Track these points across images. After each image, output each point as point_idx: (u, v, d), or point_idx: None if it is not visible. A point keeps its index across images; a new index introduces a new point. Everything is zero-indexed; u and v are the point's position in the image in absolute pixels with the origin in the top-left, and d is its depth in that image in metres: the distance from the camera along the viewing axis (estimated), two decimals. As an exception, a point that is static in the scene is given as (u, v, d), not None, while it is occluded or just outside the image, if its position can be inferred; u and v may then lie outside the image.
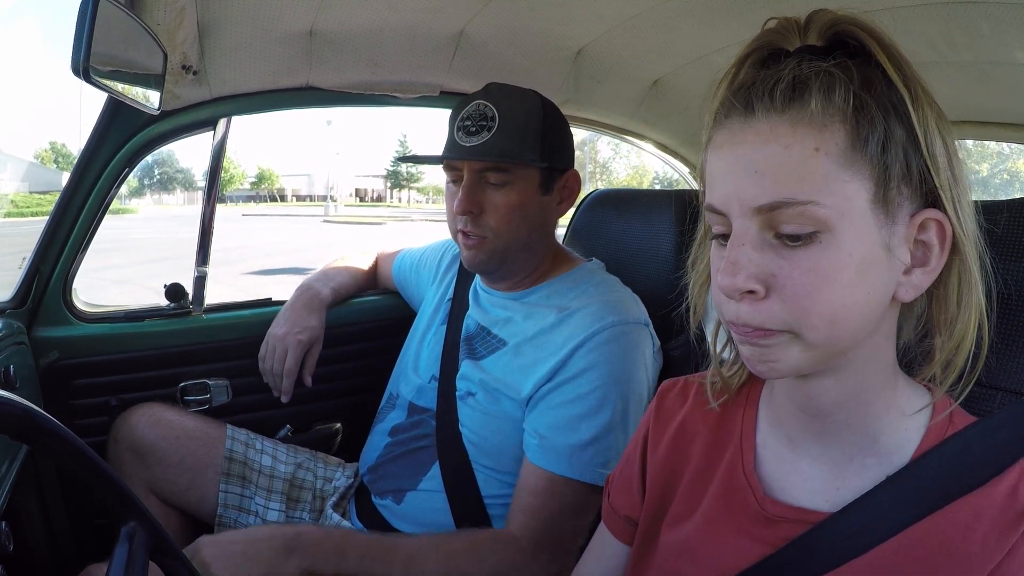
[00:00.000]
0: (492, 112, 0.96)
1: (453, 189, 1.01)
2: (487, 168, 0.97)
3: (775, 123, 0.44)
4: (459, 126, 0.98)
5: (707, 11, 1.14)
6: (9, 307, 1.17)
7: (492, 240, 0.98)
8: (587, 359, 0.91)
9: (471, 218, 0.98)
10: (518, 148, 0.97)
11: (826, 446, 0.52)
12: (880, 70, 0.45)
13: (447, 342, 1.07)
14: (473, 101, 0.99)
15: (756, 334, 0.46)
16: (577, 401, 0.90)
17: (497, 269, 1.03)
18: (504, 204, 0.97)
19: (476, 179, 0.97)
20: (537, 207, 1.01)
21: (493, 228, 0.98)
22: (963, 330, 0.47)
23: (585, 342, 0.91)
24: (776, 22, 0.50)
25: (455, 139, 0.97)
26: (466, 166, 0.97)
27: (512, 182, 0.98)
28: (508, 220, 0.98)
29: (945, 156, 0.45)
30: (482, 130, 0.95)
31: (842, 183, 0.43)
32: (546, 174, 1.01)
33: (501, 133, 0.95)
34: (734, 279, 0.45)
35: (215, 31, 1.08)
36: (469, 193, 0.97)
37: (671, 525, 0.60)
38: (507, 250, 1.00)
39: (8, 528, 0.83)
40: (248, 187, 66.06)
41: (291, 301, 1.28)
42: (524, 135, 0.97)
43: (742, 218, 0.46)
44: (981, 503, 0.46)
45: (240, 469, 1.15)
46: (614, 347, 0.91)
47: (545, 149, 1.00)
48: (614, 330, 0.92)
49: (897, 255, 0.46)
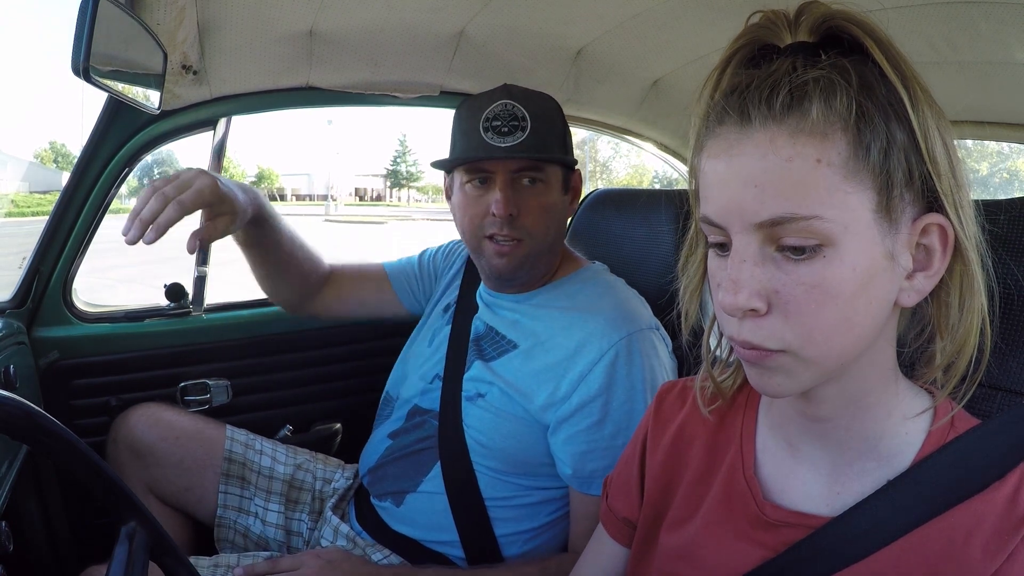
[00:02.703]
0: (522, 112, 0.95)
1: (475, 193, 0.97)
2: (523, 168, 0.95)
3: (774, 133, 0.42)
4: (487, 127, 0.94)
5: (707, 11, 1.14)
6: (9, 307, 1.17)
7: (528, 242, 0.96)
8: (606, 375, 0.89)
9: (509, 220, 0.95)
10: (550, 146, 0.97)
11: (826, 450, 0.52)
12: (877, 69, 0.44)
13: (452, 343, 1.06)
14: (497, 101, 0.96)
15: (756, 355, 0.46)
16: (605, 422, 0.89)
17: (526, 274, 1.00)
18: (539, 205, 0.96)
19: (511, 180, 0.95)
20: (561, 206, 1.01)
21: (529, 230, 0.96)
22: (966, 333, 0.46)
23: (601, 357, 0.90)
24: (762, 16, 0.48)
25: (485, 139, 0.94)
26: (501, 167, 0.95)
27: (544, 181, 0.97)
28: (543, 221, 0.97)
29: (946, 158, 0.44)
30: (516, 130, 0.94)
31: (845, 195, 0.42)
32: (565, 173, 1.01)
33: (535, 133, 0.94)
34: (736, 298, 0.44)
35: (215, 31, 1.08)
36: (510, 195, 0.94)
37: (670, 528, 0.59)
38: (540, 252, 0.99)
39: (8, 528, 0.83)
40: (248, 187, 66.01)
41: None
42: (552, 133, 0.97)
43: (742, 233, 0.44)
44: (982, 508, 0.45)
45: (240, 470, 1.15)
46: (633, 358, 0.90)
47: (568, 149, 1.01)
48: (629, 340, 0.91)
49: (900, 261, 0.45)
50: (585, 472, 0.90)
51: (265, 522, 1.12)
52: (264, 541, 1.12)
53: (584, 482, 0.91)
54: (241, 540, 1.13)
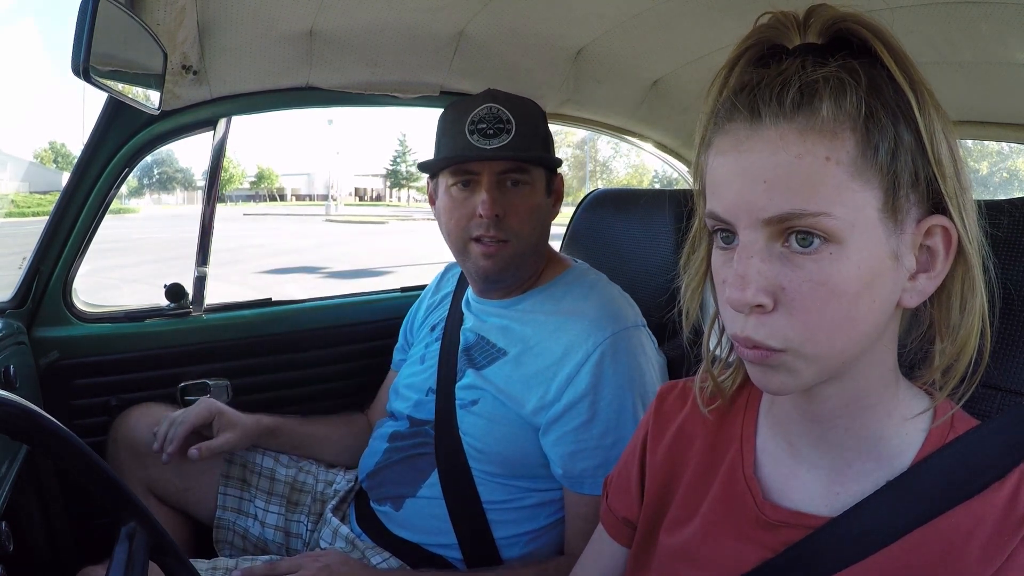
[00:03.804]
0: (507, 115, 0.96)
1: (460, 195, 0.98)
2: (509, 170, 0.96)
3: (784, 130, 0.43)
4: (473, 129, 0.96)
5: (707, 11, 1.14)
6: (9, 307, 1.17)
7: (514, 243, 0.97)
8: (593, 375, 0.90)
9: (495, 221, 0.96)
10: (534, 148, 0.98)
11: (826, 451, 0.52)
12: (886, 72, 0.44)
13: (443, 355, 1.07)
14: (482, 105, 0.97)
15: (758, 355, 0.46)
16: (593, 422, 0.90)
17: (512, 275, 1.01)
18: (524, 206, 0.98)
19: (497, 181, 0.96)
20: (546, 209, 1.03)
21: (515, 231, 0.97)
22: (966, 335, 0.47)
23: (587, 358, 0.90)
24: (771, 17, 0.48)
25: (471, 141, 0.95)
26: (487, 169, 0.96)
27: (529, 183, 0.98)
28: (529, 222, 0.98)
29: (951, 161, 0.44)
30: (501, 132, 0.95)
31: (852, 193, 0.42)
32: (548, 176, 1.02)
33: (520, 135, 0.96)
34: (743, 293, 0.44)
35: (215, 31, 1.08)
36: (496, 196, 0.95)
37: (670, 528, 0.59)
38: (524, 254, 0.99)
39: (8, 528, 0.83)
40: (248, 187, 66.04)
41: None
42: (536, 136, 0.99)
43: (750, 229, 0.44)
44: (982, 509, 0.45)
45: (240, 472, 1.15)
46: (619, 357, 0.91)
47: (549, 150, 1.02)
48: (615, 339, 0.91)
49: (903, 262, 0.45)
50: (575, 472, 0.91)
51: (264, 524, 1.12)
52: (263, 543, 1.12)
53: (575, 482, 0.91)
54: (240, 542, 1.13)
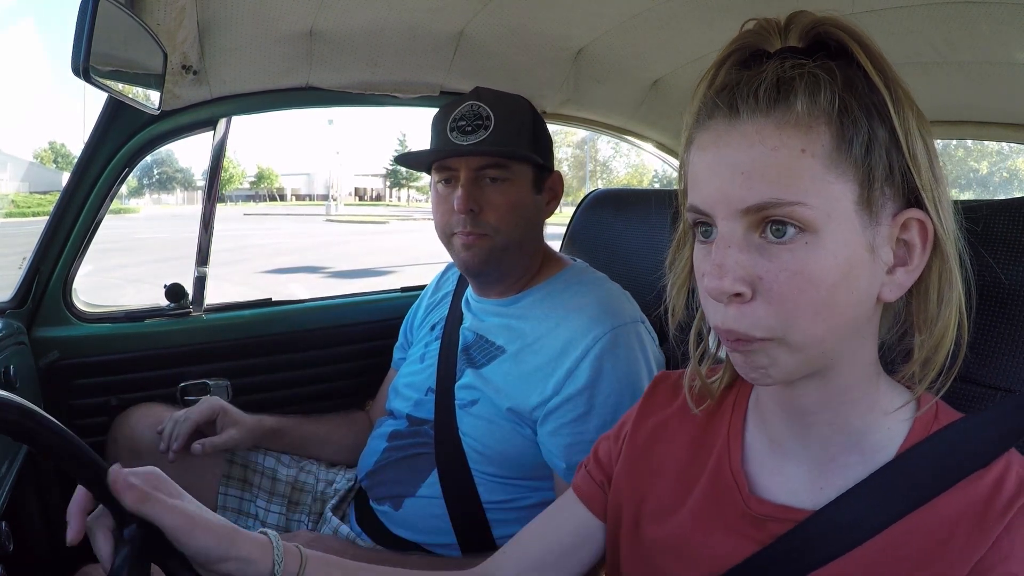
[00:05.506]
0: (487, 112, 0.97)
1: (444, 191, 1.00)
2: (486, 165, 0.97)
3: (761, 124, 0.45)
4: (453, 127, 0.97)
5: (707, 11, 1.14)
6: (9, 307, 1.17)
7: (492, 237, 0.98)
8: (592, 369, 0.90)
9: (471, 216, 0.97)
10: (515, 145, 0.98)
11: (809, 446, 0.53)
12: (861, 72, 0.46)
13: (442, 355, 1.07)
14: (464, 103, 0.99)
15: (741, 344, 0.47)
16: (591, 415, 0.90)
17: (495, 269, 1.02)
18: (503, 201, 0.98)
19: (475, 177, 0.97)
20: (532, 205, 1.02)
21: (493, 225, 0.97)
22: (943, 328, 0.48)
23: (587, 353, 0.91)
24: (755, 23, 0.50)
25: (449, 139, 0.97)
26: (464, 165, 0.97)
27: (510, 179, 0.98)
28: (508, 217, 0.98)
29: (926, 157, 0.46)
30: (479, 128, 0.96)
31: (827, 184, 0.44)
32: (537, 173, 1.02)
33: (498, 131, 0.96)
34: (721, 282, 0.45)
35: (215, 31, 1.08)
36: (470, 191, 0.96)
37: (655, 519, 0.60)
38: (506, 248, 0.99)
39: (8, 528, 0.83)
40: (248, 187, 66.00)
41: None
42: (519, 133, 0.99)
43: (728, 220, 0.46)
44: (967, 497, 0.47)
45: (241, 472, 1.15)
46: (618, 352, 0.91)
47: (537, 147, 1.02)
48: (613, 334, 0.91)
49: (880, 255, 0.46)
50: (571, 464, 0.90)
51: (265, 524, 1.12)
52: (264, 542, 1.12)
53: (569, 474, 0.90)
54: (241, 541, 1.12)
